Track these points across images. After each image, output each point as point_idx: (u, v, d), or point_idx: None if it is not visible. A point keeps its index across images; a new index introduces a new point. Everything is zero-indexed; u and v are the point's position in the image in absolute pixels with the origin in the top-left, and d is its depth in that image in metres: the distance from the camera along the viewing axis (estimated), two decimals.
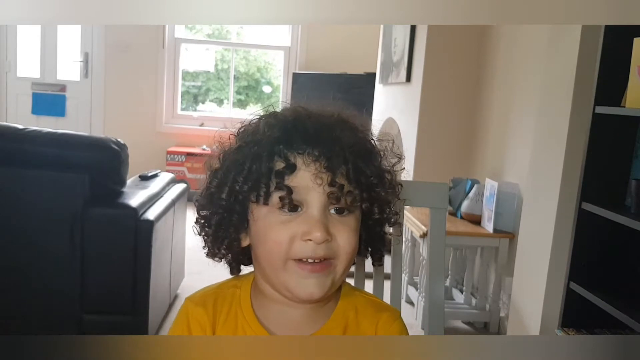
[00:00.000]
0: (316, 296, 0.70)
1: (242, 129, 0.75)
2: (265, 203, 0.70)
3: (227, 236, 0.75)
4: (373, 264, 0.84)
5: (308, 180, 0.69)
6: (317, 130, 0.72)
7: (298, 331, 0.75)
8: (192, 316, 0.77)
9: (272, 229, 0.70)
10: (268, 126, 0.72)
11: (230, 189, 0.72)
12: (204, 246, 0.78)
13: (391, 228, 0.82)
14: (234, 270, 0.81)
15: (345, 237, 0.71)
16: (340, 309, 0.77)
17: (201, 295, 0.79)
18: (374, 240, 0.79)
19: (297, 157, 0.70)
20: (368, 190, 0.73)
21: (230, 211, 0.73)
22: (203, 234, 0.77)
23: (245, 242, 0.76)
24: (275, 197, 0.69)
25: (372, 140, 0.77)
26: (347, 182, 0.71)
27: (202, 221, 0.77)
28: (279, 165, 0.70)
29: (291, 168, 0.69)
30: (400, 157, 0.80)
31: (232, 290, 0.79)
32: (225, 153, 0.75)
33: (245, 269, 0.82)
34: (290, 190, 0.69)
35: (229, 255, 0.78)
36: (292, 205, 0.69)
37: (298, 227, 0.69)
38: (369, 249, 0.80)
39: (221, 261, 0.79)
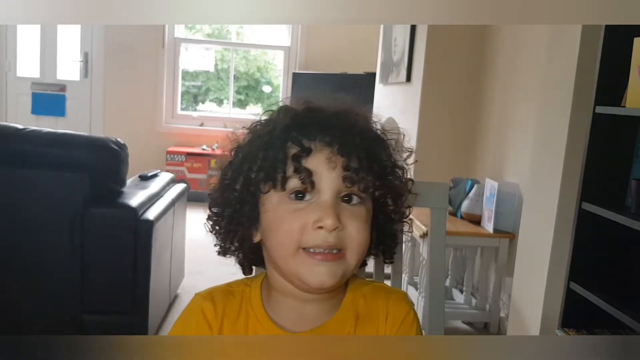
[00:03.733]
0: (327, 284, 0.70)
1: (254, 125, 0.76)
2: (283, 189, 0.69)
3: (239, 229, 0.75)
4: (384, 261, 0.84)
5: (322, 164, 0.69)
6: (329, 117, 0.72)
7: (310, 324, 0.74)
8: (200, 310, 0.76)
9: (284, 218, 0.70)
10: (280, 116, 0.73)
11: (245, 179, 0.72)
12: (216, 244, 0.78)
13: (404, 225, 0.81)
14: (246, 270, 0.80)
15: (356, 226, 0.70)
16: (349, 298, 0.77)
17: (210, 291, 0.78)
18: (386, 236, 0.78)
19: (311, 142, 0.70)
20: (381, 178, 0.72)
21: (243, 202, 0.73)
22: (215, 230, 0.77)
23: (256, 238, 0.75)
24: (293, 182, 0.69)
25: (381, 132, 0.77)
26: (361, 168, 0.70)
27: (215, 217, 0.77)
28: (294, 149, 0.70)
29: (307, 151, 0.70)
30: (411, 151, 0.80)
31: (242, 288, 0.78)
32: (238, 147, 0.75)
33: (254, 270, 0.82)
34: (309, 172, 0.69)
35: (241, 253, 0.78)
36: (312, 186, 0.69)
37: (309, 215, 0.69)
38: (381, 247, 0.79)
39: (233, 257, 0.79)
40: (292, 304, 0.75)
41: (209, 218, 0.77)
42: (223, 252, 0.78)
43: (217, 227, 0.77)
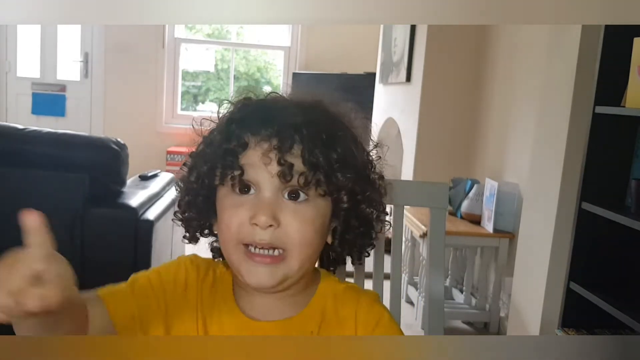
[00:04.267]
0: (267, 285, 0.69)
1: (217, 116, 0.76)
2: (221, 183, 0.70)
3: (194, 219, 0.75)
4: (352, 262, 0.80)
5: (258, 160, 0.68)
6: (273, 111, 0.71)
7: (271, 318, 0.73)
8: (184, 269, 0.76)
9: (224, 211, 0.70)
10: (229, 109, 0.74)
11: (198, 173, 0.73)
12: (184, 235, 0.79)
13: (381, 226, 0.78)
14: (216, 256, 0.81)
15: (295, 225, 0.68)
16: (318, 297, 0.75)
17: (200, 261, 0.78)
18: (348, 237, 0.75)
19: (251, 137, 0.69)
20: (328, 175, 0.69)
21: (197, 194, 0.74)
22: (177, 217, 0.78)
23: (215, 229, 0.76)
24: (229, 176, 0.69)
25: (346, 128, 0.74)
26: (303, 163, 0.68)
27: (178, 207, 0.78)
28: (232, 144, 0.69)
29: (242, 146, 0.69)
30: (376, 145, 0.77)
31: (221, 269, 0.78)
32: (203, 138, 0.76)
33: None
34: (240, 168, 0.68)
35: (206, 239, 0.79)
36: (241, 184, 0.68)
37: (246, 210, 0.68)
38: (345, 248, 0.76)
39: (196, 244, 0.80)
40: (254, 295, 0.74)
41: (177, 208, 0.79)
42: (187, 239, 0.78)
43: (178, 216, 0.78)
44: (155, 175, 2.60)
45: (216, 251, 0.80)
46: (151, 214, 2.12)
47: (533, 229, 2.19)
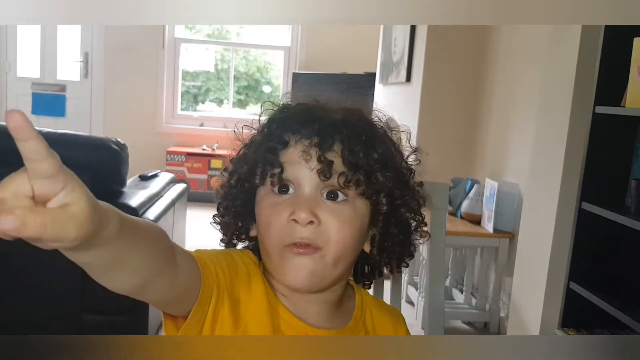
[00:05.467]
0: (302, 279, 0.68)
1: (256, 122, 0.76)
2: (262, 183, 0.70)
3: (233, 223, 0.75)
4: (391, 271, 0.79)
5: (298, 157, 0.68)
6: (314, 111, 0.71)
7: (322, 326, 0.73)
8: (252, 259, 0.73)
9: (263, 211, 0.70)
10: (271, 113, 0.74)
11: (238, 176, 0.73)
12: (222, 239, 0.78)
13: (419, 236, 0.76)
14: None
15: (335, 225, 0.67)
16: (358, 310, 0.77)
17: (251, 255, 0.75)
18: (386, 243, 0.74)
19: (291, 136, 0.70)
20: (368, 175, 0.69)
21: (236, 197, 0.73)
22: (217, 222, 0.77)
23: (253, 232, 0.75)
24: (270, 174, 0.69)
25: (384, 131, 0.75)
26: (342, 162, 0.68)
27: (217, 211, 0.77)
28: (272, 142, 0.70)
29: (282, 144, 0.69)
30: (415, 150, 0.78)
31: (260, 271, 0.74)
32: (242, 145, 0.76)
33: None
34: (280, 166, 0.68)
35: (244, 245, 0.78)
36: (281, 181, 0.68)
37: (285, 208, 0.67)
38: (384, 256, 0.75)
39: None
40: (297, 300, 0.72)
41: (217, 212, 0.78)
42: (225, 243, 0.78)
43: (216, 219, 0.77)
44: (155, 175, 2.60)
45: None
46: (151, 214, 2.12)
47: (533, 229, 2.19)
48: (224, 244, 0.78)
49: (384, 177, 0.70)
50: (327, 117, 0.71)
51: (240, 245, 0.78)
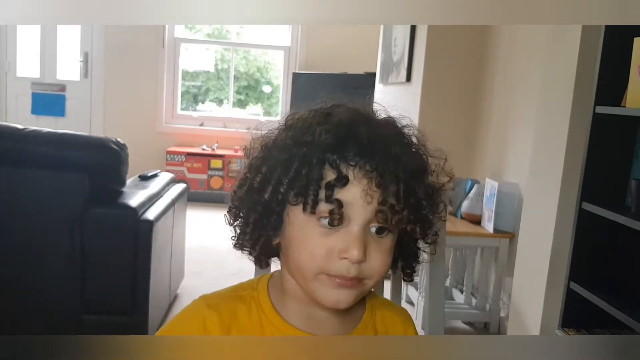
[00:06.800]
0: (342, 306, 0.69)
1: (290, 122, 0.71)
2: (312, 212, 0.65)
3: (262, 234, 0.72)
4: (403, 279, 0.81)
5: (357, 196, 0.65)
6: (372, 142, 0.67)
7: (326, 331, 0.73)
8: (202, 319, 0.72)
9: (310, 239, 0.67)
10: (321, 129, 0.67)
11: (274, 190, 0.68)
12: (234, 237, 0.75)
13: (428, 246, 0.77)
14: (263, 264, 0.78)
15: (380, 259, 0.68)
16: (368, 315, 0.77)
17: (217, 301, 0.74)
18: (407, 255, 0.76)
19: (349, 169, 0.66)
20: (416, 212, 0.68)
21: (270, 212, 0.69)
22: (237, 227, 0.74)
23: (275, 241, 0.73)
24: (323, 208, 0.65)
25: (424, 156, 0.73)
26: (397, 201, 0.66)
27: (238, 214, 0.73)
28: (330, 175, 0.65)
29: (343, 181, 0.65)
30: (450, 177, 0.75)
31: (249, 293, 0.75)
32: (271, 144, 0.71)
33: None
34: (340, 205, 0.65)
35: (258, 253, 0.76)
36: (341, 220, 0.65)
37: (336, 243, 0.66)
38: (401, 264, 0.77)
39: (249, 254, 0.76)
40: (307, 310, 0.73)
41: (229, 211, 0.74)
42: (240, 247, 0.75)
43: (238, 228, 0.74)
44: (155, 175, 2.60)
45: (263, 260, 0.77)
46: (151, 214, 2.12)
47: (533, 229, 2.19)
48: (239, 248, 0.75)
49: (427, 213, 0.70)
50: (384, 147, 0.67)
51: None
